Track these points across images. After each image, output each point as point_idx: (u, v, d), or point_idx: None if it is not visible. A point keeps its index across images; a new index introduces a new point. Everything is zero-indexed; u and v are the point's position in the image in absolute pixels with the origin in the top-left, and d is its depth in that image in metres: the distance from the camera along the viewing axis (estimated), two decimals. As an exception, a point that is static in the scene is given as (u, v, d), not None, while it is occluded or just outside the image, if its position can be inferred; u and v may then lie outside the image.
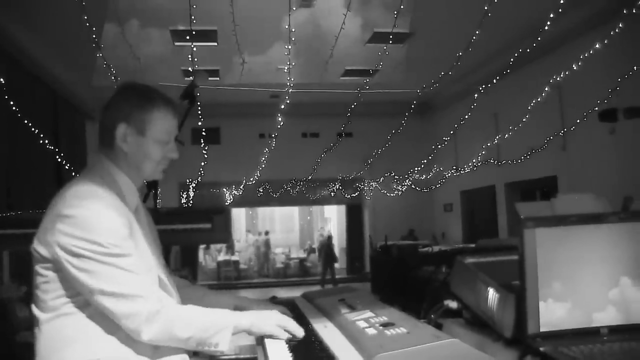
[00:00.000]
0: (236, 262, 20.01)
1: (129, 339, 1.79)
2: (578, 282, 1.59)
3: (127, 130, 1.94)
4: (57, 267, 1.77)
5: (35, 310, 1.84)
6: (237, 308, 2.25)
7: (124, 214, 1.85)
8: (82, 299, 1.78)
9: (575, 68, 8.68)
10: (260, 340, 2.01)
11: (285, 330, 1.95)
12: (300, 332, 1.96)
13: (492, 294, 1.75)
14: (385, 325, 1.86)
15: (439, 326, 2.07)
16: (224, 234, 3.33)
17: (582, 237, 1.61)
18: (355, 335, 1.82)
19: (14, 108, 8.35)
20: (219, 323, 1.85)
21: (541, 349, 1.49)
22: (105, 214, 1.77)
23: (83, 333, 1.78)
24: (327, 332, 2.03)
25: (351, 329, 1.91)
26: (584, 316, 1.59)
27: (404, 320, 1.92)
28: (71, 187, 1.85)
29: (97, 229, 1.74)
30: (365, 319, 1.99)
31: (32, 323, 1.88)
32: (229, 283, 18.66)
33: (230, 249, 20.35)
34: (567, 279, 1.58)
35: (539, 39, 8.22)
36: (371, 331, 1.82)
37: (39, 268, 1.82)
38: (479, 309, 1.86)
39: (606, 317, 1.61)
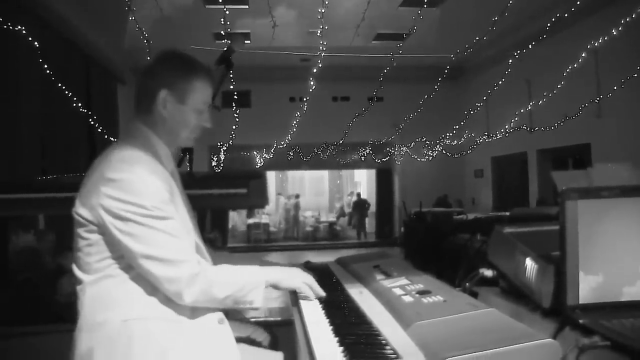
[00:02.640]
0: (266, 225, 20.16)
1: (169, 298, 1.85)
2: (619, 254, 1.58)
3: (167, 96, 1.96)
4: (102, 230, 1.82)
5: (77, 272, 1.89)
6: None
7: (166, 178, 1.90)
8: (125, 262, 1.83)
9: (614, 33, 8.46)
10: (295, 301, 2.05)
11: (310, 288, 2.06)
12: (321, 292, 2.07)
13: (530, 265, 1.75)
14: (422, 293, 1.87)
15: (474, 294, 2.07)
16: (260, 199, 3.33)
17: (624, 209, 1.59)
18: (392, 302, 1.84)
19: (47, 72, 8.41)
20: (252, 281, 1.93)
21: (581, 321, 1.48)
22: (148, 178, 1.81)
23: (126, 294, 1.84)
24: (363, 298, 2.05)
25: (387, 296, 1.93)
26: (624, 289, 1.58)
27: (440, 288, 1.93)
28: (115, 151, 1.89)
29: (141, 192, 1.78)
30: (401, 286, 2.00)
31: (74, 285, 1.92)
32: (259, 245, 18.83)
33: (252, 211, 20.43)
34: (608, 252, 1.57)
35: (578, 2, 8.02)
36: (408, 299, 1.83)
37: (81, 231, 1.85)
38: (516, 278, 1.86)
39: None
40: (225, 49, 2.77)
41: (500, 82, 11.33)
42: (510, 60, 10.74)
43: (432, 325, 1.54)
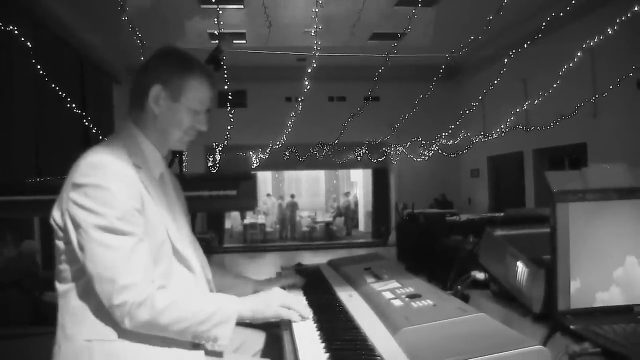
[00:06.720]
0: (262, 225, 20.12)
1: None
2: (611, 258, 1.55)
3: (161, 92, 1.88)
4: (67, 238, 1.74)
5: (55, 281, 1.82)
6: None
7: (136, 185, 1.78)
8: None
9: (610, 32, 8.43)
10: None
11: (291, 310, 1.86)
12: (306, 312, 1.88)
13: (521, 268, 1.72)
14: (412, 296, 1.84)
15: (465, 298, 2.04)
16: (249, 201, 3.30)
17: (618, 211, 1.56)
18: (381, 307, 1.81)
19: (41, 72, 8.36)
20: (218, 315, 1.73)
21: (571, 326, 1.45)
22: (115, 185, 1.70)
23: (90, 310, 1.73)
24: (353, 301, 2.02)
25: (377, 300, 1.90)
26: (616, 294, 1.55)
27: (430, 291, 1.90)
28: (88, 155, 1.79)
29: (105, 200, 1.67)
30: (391, 290, 1.98)
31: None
32: (255, 246, 18.80)
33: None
34: (600, 255, 1.54)
35: (573, 1, 7.99)
36: (397, 303, 1.80)
37: (56, 240, 1.79)
38: (507, 282, 1.83)
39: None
40: (214, 48, 2.75)
41: (496, 82, 11.29)
42: (506, 60, 10.73)
43: (420, 330, 1.51)
